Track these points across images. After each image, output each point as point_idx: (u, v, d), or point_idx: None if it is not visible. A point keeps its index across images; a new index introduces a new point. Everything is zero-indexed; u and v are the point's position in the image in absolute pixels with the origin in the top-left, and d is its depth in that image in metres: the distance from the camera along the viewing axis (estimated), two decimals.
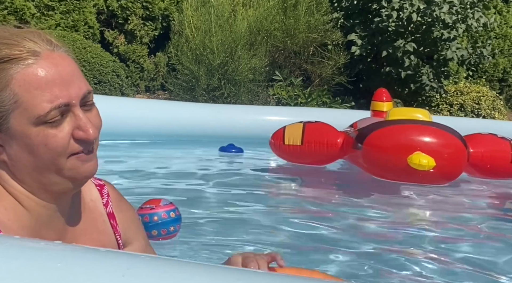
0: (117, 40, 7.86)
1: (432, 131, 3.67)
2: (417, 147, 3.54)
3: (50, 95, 1.10)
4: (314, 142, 4.04)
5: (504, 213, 3.53)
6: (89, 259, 0.83)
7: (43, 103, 1.09)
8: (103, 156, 4.08)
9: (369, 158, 3.77)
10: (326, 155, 4.08)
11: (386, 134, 3.73)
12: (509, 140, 4.06)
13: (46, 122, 1.10)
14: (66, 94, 1.11)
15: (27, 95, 1.09)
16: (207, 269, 0.86)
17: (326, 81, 7.83)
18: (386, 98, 4.46)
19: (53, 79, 1.10)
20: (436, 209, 3.56)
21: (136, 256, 0.89)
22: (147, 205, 2.30)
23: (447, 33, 7.33)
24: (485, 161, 3.93)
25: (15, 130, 1.11)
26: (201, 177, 4.00)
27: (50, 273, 0.81)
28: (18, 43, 1.11)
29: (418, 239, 2.83)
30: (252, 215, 3.14)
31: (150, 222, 2.23)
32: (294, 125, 4.20)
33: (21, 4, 6.95)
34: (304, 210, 3.31)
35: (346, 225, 3.02)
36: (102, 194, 1.36)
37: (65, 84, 1.12)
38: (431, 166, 3.45)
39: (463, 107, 7.93)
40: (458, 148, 3.70)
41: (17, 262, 0.85)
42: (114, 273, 0.77)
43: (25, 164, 1.15)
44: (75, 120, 1.13)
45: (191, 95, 6.98)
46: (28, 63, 1.10)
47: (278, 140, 4.14)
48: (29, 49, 1.11)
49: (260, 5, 7.38)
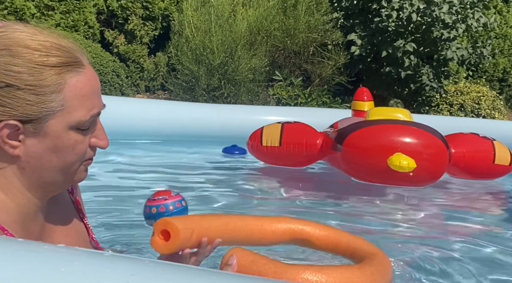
0: (117, 40, 7.86)
1: (412, 132, 3.54)
2: (397, 147, 3.42)
3: (92, 104, 1.21)
4: (292, 143, 3.93)
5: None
6: (93, 264, 0.83)
7: (84, 110, 1.19)
8: (103, 156, 4.06)
9: (348, 160, 3.66)
10: (305, 156, 3.96)
11: (365, 135, 3.59)
12: (491, 140, 3.95)
13: (79, 128, 1.20)
14: (99, 105, 1.23)
15: (74, 101, 1.18)
16: (212, 275, 0.85)
17: (326, 81, 7.83)
18: (367, 98, 4.34)
19: (94, 90, 1.22)
20: (418, 210, 3.48)
21: (141, 262, 0.89)
22: (160, 196, 2.35)
23: (447, 33, 7.33)
24: (467, 161, 3.83)
25: (50, 130, 1.17)
26: (201, 177, 4.00)
27: (54, 277, 0.81)
28: (72, 51, 1.19)
29: (400, 241, 2.77)
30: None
31: (166, 212, 2.28)
32: (272, 126, 4.09)
33: (21, 4, 6.94)
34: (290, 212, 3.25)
35: None
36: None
37: (98, 95, 1.24)
38: (412, 168, 3.33)
39: (463, 107, 7.93)
40: (439, 149, 3.57)
41: (20, 266, 0.85)
42: (118, 279, 0.77)
43: (43, 162, 1.20)
44: (94, 129, 1.24)
45: (191, 95, 6.98)
46: (79, 72, 1.19)
47: (256, 142, 4.02)
48: (79, 59, 1.20)
49: (260, 5, 7.38)
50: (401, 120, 3.68)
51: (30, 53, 1.13)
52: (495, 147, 3.90)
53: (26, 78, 1.13)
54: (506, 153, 3.93)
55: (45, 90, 1.14)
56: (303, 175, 4.16)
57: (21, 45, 1.13)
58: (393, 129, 3.55)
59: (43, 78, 1.14)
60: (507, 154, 3.93)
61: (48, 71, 1.15)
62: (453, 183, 4.00)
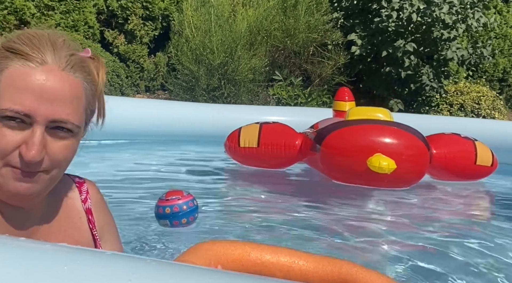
0: (117, 40, 7.86)
1: (393, 132, 3.43)
2: (377, 148, 3.32)
3: (19, 99, 1.11)
4: (271, 144, 3.81)
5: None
6: (95, 263, 0.83)
7: (8, 101, 1.10)
8: (102, 155, 4.08)
9: (327, 161, 3.55)
10: (284, 157, 3.85)
11: (344, 136, 3.48)
12: (472, 140, 3.86)
13: (3, 119, 1.10)
14: (32, 107, 1.11)
15: (3, 88, 1.11)
16: (214, 274, 0.86)
17: (326, 81, 7.83)
18: (348, 98, 4.25)
19: (32, 88, 1.11)
20: (395, 212, 3.39)
21: (143, 261, 0.89)
22: (173, 196, 2.48)
23: (447, 33, 7.33)
24: (448, 163, 3.73)
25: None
26: (200, 177, 4.00)
27: (56, 276, 0.81)
28: (40, 47, 1.14)
29: (381, 243, 2.75)
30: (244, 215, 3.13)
31: (180, 212, 2.45)
32: (250, 126, 3.96)
33: (21, 4, 6.94)
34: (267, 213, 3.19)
35: (311, 229, 2.89)
36: (80, 191, 1.38)
37: (40, 100, 1.11)
38: (392, 169, 3.22)
39: (463, 107, 7.93)
40: (420, 149, 3.47)
41: (22, 265, 0.85)
42: (120, 277, 0.77)
43: None
44: (28, 137, 1.11)
45: (191, 95, 6.98)
46: (28, 65, 1.12)
47: (233, 143, 3.89)
48: (41, 56, 1.13)
49: (260, 5, 7.38)
50: (381, 120, 3.58)
51: (4, 38, 1.14)
52: (476, 148, 3.80)
53: None
54: (488, 154, 3.83)
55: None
56: (282, 176, 4.04)
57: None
58: (373, 129, 3.46)
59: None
60: (488, 155, 3.83)
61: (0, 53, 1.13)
62: (433, 184, 3.90)
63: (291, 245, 2.60)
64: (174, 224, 2.43)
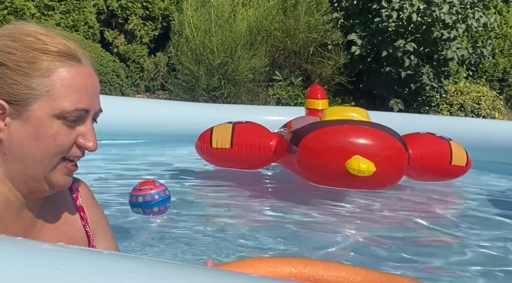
0: (117, 40, 7.87)
1: (372, 133, 3.30)
2: (356, 150, 3.19)
3: (79, 98, 1.21)
4: (244, 144, 3.67)
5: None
6: (93, 262, 0.83)
7: (70, 101, 1.19)
8: (102, 155, 4.07)
9: (305, 162, 3.40)
10: (258, 159, 3.70)
11: (323, 137, 3.34)
12: (447, 140, 3.78)
13: (65, 119, 1.19)
14: (89, 103, 1.23)
15: (60, 89, 1.19)
16: (212, 273, 0.85)
17: (326, 81, 7.83)
18: (321, 96, 4.12)
19: (86, 87, 1.23)
20: (370, 213, 3.36)
21: (140, 259, 0.89)
22: (146, 186, 2.63)
23: (447, 33, 7.33)
24: (424, 163, 3.63)
25: (33, 115, 1.18)
26: (199, 177, 4.00)
27: (54, 275, 0.81)
28: (74, 46, 1.24)
29: (354, 245, 2.74)
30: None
31: (152, 201, 2.59)
32: (223, 126, 3.81)
33: (21, 4, 6.94)
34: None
35: (289, 232, 2.87)
36: (71, 189, 1.41)
37: (91, 95, 1.24)
38: (372, 171, 3.09)
39: (463, 107, 7.93)
40: (399, 151, 3.34)
41: (19, 264, 0.85)
42: (118, 276, 0.77)
43: (23, 150, 1.18)
44: (84, 129, 1.23)
45: (191, 95, 6.98)
46: (74, 65, 1.22)
47: (205, 143, 3.73)
48: (78, 55, 1.24)
49: (260, 5, 7.38)
50: (360, 120, 3.45)
51: (32, 41, 1.19)
52: (451, 148, 3.74)
53: (18, 60, 1.17)
54: (463, 153, 3.77)
55: (33, 73, 1.17)
56: (255, 178, 3.90)
57: (25, 34, 1.20)
58: (352, 130, 3.33)
59: (34, 62, 1.18)
60: (463, 155, 3.77)
61: (42, 57, 1.19)
62: (407, 185, 3.82)
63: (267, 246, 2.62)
64: (146, 212, 2.58)
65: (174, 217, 2.87)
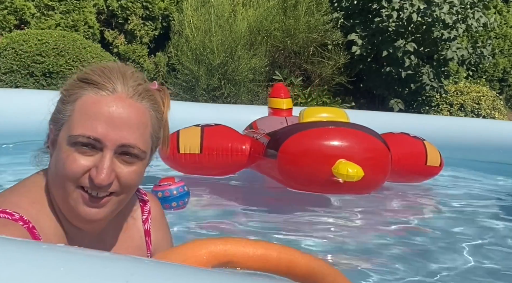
0: (117, 40, 7.86)
1: (355, 135, 3.10)
2: (342, 154, 2.97)
3: (90, 125, 1.16)
4: (216, 149, 3.41)
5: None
6: (92, 264, 0.83)
7: (81, 127, 1.16)
8: None
9: (286, 168, 3.13)
10: (231, 164, 3.44)
11: (305, 140, 3.08)
12: (422, 140, 3.71)
13: (76, 145, 1.16)
14: (103, 133, 1.16)
15: (77, 115, 1.18)
16: (212, 274, 0.85)
17: (326, 81, 7.84)
18: (284, 95, 3.93)
19: (103, 115, 1.16)
20: (351, 215, 3.28)
21: (140, 261, 0.89)
22: (165, 182, 2.78)
23: (447, 33, 7.33)
24: (402, 164, 3.50)
25: (58, 141, 1.20)
26: (199, 176, 4.00)
27: (53, 277, 0.81)
28: (111, 77, 1.20)
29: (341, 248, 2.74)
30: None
31: (171, 196, 2.75)
32: (190, 129, 3.53)
33: (21, 4, 6.94)
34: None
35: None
36: (143, 211, 1.40)
37: (109, 126, 1.16)
38: (360, 176, 2.86)
39: (463, 107, 7.93)
40: (383, 152, 3.15)
41: (18, 265, 0.84)
42: (117, 278, 0.77)
43: (51, 174, 1.22)
44: (97, 161, 1.16)
45: (191, 95, 6.98)
46: (100, 93, 1.18)
47: (172, 149, 3.42)
48: (112, 86, 1.19)
49: (260, 5, 7.38)
50: (341, 122, 3.25)
51: (78, 73, 1.24)
52: (426, 148, 3.67)
53: (65, 88, 1.23)
54: (436, 154, 3.72)
55: (66, 100, 1.21)
56: (225, 184, 3.71)
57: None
58: (335, 133, 3.10)
59: (69, 89, 1.21)
60: (437, 155, 3.72)
61: (75, 84, 1.21)
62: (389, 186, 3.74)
63: None
64: (166, 207, 2.68)
65: (174, 217, 2.88)
